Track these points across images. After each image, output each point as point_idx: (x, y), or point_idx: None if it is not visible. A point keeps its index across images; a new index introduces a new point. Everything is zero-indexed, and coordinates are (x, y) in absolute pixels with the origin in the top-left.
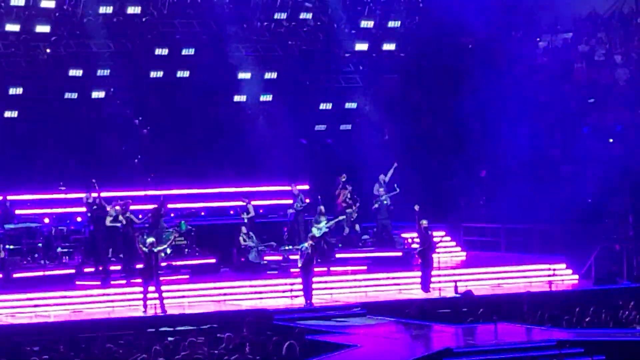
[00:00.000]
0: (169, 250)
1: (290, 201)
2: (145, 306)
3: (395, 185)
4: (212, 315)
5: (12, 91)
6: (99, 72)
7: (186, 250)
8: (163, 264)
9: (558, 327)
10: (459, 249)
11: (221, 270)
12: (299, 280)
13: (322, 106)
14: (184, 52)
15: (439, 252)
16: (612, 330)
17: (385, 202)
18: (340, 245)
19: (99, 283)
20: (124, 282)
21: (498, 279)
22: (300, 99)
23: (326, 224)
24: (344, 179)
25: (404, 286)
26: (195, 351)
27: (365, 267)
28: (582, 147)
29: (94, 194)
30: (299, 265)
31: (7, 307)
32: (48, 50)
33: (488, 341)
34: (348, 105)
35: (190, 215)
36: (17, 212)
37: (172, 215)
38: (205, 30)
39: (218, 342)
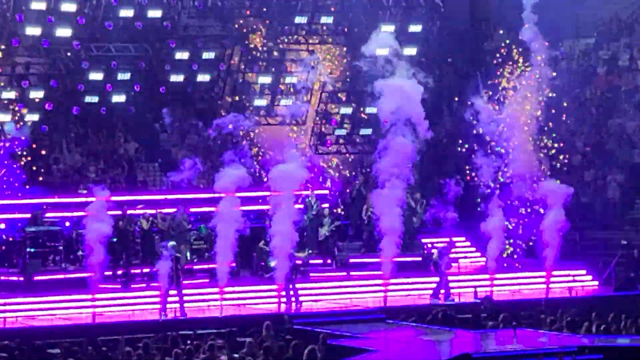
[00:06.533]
0: (188, 255)
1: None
2: (164, 310)
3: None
4: (231, 318)
5: (32, 95)
6: (120, 76)
7: (206, 254)
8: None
9: (577, 333)
10: (478, 254)
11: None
12: (318, 284)
13: (343, 110)
14: (205, 55)
15: (458, 257)
16: (632, 336)
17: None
18: (363, 250)
19: (119, 286)
20: (144, 285)
21: (518, 284)
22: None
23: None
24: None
25: (423, 291)
26: (215, 355)
27: (382, 272)
28: (605, 153)
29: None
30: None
31: (29, 309)
32: (69, 54)
33: (507, 346)
34: (369, 110)
35: (210, 219)
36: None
37: (191, 219)
38: (225, 32)
39: (239, 346)
